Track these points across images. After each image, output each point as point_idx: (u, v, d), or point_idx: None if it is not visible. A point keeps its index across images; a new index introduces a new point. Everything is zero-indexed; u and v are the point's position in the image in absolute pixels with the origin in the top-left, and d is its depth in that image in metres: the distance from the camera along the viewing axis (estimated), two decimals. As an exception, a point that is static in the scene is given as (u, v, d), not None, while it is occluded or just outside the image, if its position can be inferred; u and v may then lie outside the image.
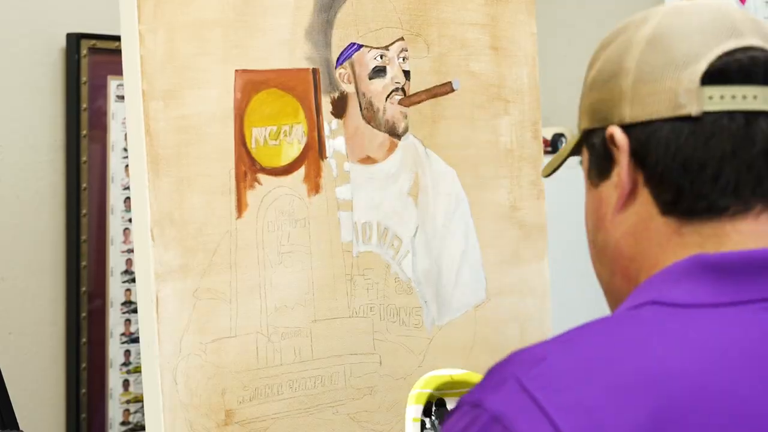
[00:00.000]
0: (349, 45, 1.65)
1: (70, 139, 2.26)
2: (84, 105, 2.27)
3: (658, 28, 1.04)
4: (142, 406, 2.30)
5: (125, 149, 2.31)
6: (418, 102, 1.70)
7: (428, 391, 1.50)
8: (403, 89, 1.69)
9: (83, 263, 2.27)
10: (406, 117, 1.69)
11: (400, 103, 1.69)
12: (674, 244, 1.02)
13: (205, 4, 1.52)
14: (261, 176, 1.56)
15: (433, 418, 1.50)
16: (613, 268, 1.08)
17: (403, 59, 1.69)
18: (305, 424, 1.57)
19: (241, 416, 1.52)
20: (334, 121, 1.64)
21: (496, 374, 0.98)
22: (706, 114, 1.00)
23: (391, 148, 1.69)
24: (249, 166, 1.55)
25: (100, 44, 2.29)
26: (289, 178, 1.59)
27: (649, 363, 0.93)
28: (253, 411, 1.54)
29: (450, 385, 1.52)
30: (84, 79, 2.27)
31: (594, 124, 1.07)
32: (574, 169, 3.02)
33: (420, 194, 1.71)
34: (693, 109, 1.00)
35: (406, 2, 1.70)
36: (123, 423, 2.32)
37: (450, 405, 1.52)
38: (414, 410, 1.48)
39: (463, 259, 1.73)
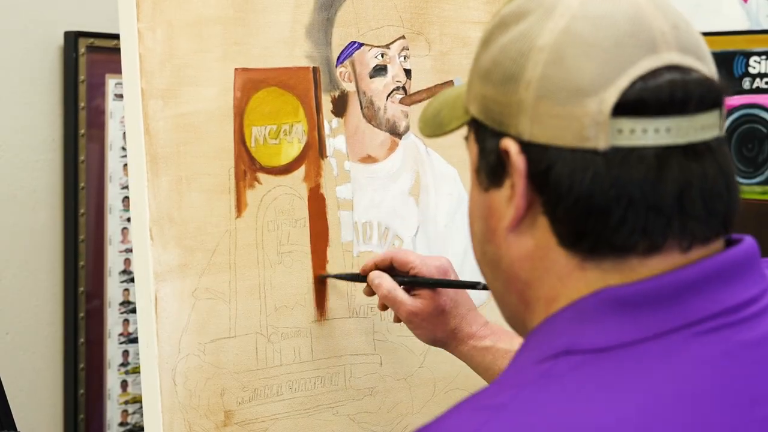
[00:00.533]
0: (349, 43, 1.65)
1: (68, 138, 2.26)
2: (82, 104, 2.27)
3: (566, 33, 0.93)
4: (140, 407, 2.30)
5: (123, 148, 2.31)
6: (420, 101, 1.70)
7: None
8: (404, 88, 1.69)
9: (81, 263, 2.27)
10: (407, 116, 1.70)
11: (401, 102, 1.69)
12: (575, 279, 0.94)
13: (205, 1, 1.53)
14: (261, 175, 1.56)
15: None
16: (507, 286, 1.00)
17: (404, 58, 1.70)
18: (305, 425, 1.58)
19: (241, 417, 1.53)
20: (335, 120, 1.64)
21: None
22: (614, 149, 0.90)
23: (392, 147, 1.69)
24: (248, 165, 1.55)
25: (98, 42, 2.29)
26: (289, 178, 1.59)
27: (585, 425, 0.85)
28: (253, 412, 1.54)
29: None
30: (82, 77, 2.27)
31: (486, 120, 0.98)
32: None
33: (421, 194, 1.72)
34: (600, 144, 0.90)
35: (407, 0, 1.70)
36: (121, 424, 2.32)
37: None
38: None
39: (464, 259, 1.73)
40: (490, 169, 0.97)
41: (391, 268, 1.55)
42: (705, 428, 0.86)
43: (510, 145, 0.94)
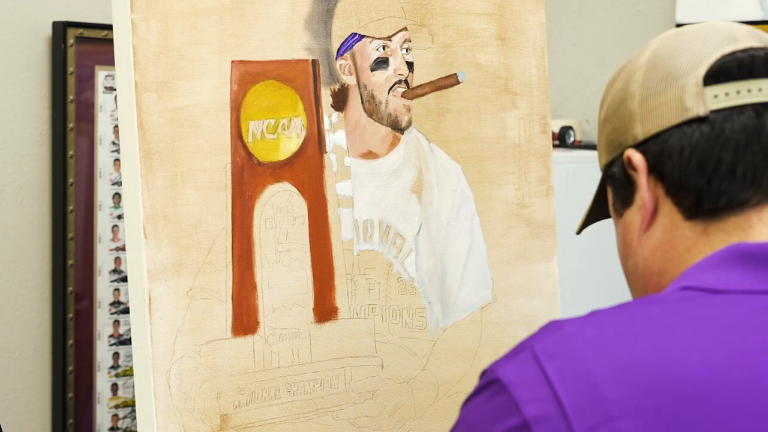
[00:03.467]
0: (350, 35, 1.66)
1: (56, 132, 2.28)
2: (71, 96, 2.28)
3: (657, 50, 1.13)
4: (131, 411, 2.31)
5: (114, 142, 2.32)
6: (422, 95, 1.71)
7: None
8: (406, 81, 1.70)
9: (70, 262, 2.28)
10: (409, 110, 1.71)
11: (403, 95, 1.70)
12: (702, 245, 1.08)
13: (201, -9, 1.54)
14: (258, 171, 1.57)
15: None
16: (646, 288, 1.13)
17: (407, 50, 1.71)
18: (304, 429, 1.59)
19: (237, 421, 1.54)
20: (335, 115, 1.65)
21: (519, 344, 1.03)
22: (714, 113, 1.07)
23: (394, 143, 1.70)
24: (246, 161, 1.56)
25: (88, 33, 2.30)
26: (287, 174, 1.60)
27: (666, 344, 0.96)
28: (250, 416, 1.55)
29: None
30: (71, 69, 2.28)
31: (611, 155, 1.14)
32: (584, 164, 3.06)
33: (424, 191, 1.73)
34: (700, 110, 1.07)
35: (410, -10, 1.71)
36: (111, 429, 2.33)
37: None
38: None
39: (468, 259, 1.74)
40: (620, 191, 1.14)
41: None
42: None
43: (630, 152, 1.11)
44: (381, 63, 1.69)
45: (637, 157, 1.10)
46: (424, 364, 1.70)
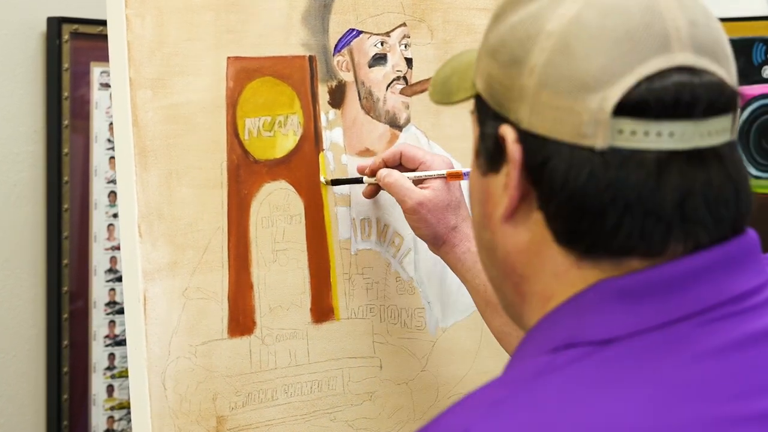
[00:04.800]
0: (347, 31, 1.67)
1: (51, 130, 2.28)
2: (65, 93, 2.28)
3: (575, 22, 0.93)
4: (127, 413, 2.32)
5: (109, 140, 2.32)
6: (421, 91, 1.71)
7: None
8: (404, 78, 1.70)
9: (65, 261, 2.28)
10: (407, 107, 1.71)
11: (401, 92, 1.70)
12: (572, 276, 0.95)
13: (196, -13, 1.54)
14: (254, 169, 1.58)
15: None
16: (503, 276, 1.02)
17: (405, 46, 1.71)
18: (301, 431, 1.59)
19: (234, 423, 1.54)
20: (332, 112, 1.65)
21: (445, 423, 0.92)
22: (613, 150, 0.91)
23: (392, 140, 1.71)
24: (242, 159, 1.57)
25: (83, 29, 2.30)
26: (284, 172, 1.60)
27: (590, 422, 0.87)
28: (246, 417, 1.55)
29: None
30: (65, 65, 2.28)
31: (488, 100, 0.99)
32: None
33: (423, 189, 1.73)
34: (598, 143, 0.91)
35: (409, -15, 1.72)
36: (107, 430, 2.33)
37: None
38: None
39: (468, 258, 1.74)
40: (489, 154, 0.99)
41: (398, 166, 1.61)
42: (712, 421, 0.88)
43: (508, 133, 0.96)
44: (379, 59, 1.69)
45: (513, 147, 0.95)
46: (423, 365, 1.71)
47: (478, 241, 1.05)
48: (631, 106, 0.91)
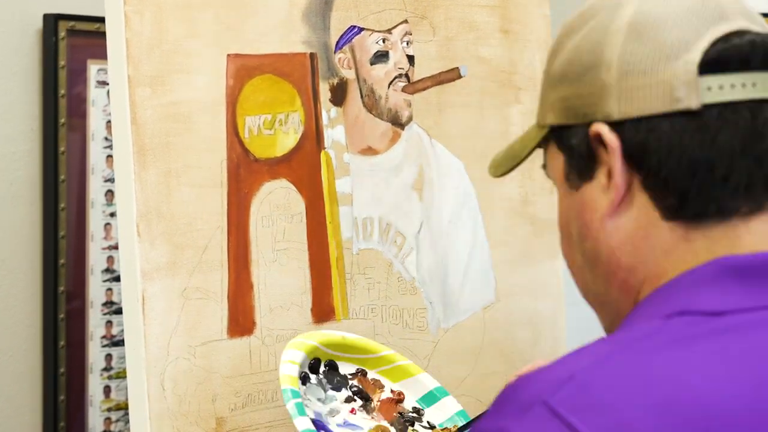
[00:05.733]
0: (349, 28, 1.67)
1: (47, 128, 2.27)
2: (62, 91, 2.28)
3: (637, 14, 1.02)
4: (125, 414, 2.31)
5: (107, 138, 2.32)
6: (423, 89, 1.71)
7: (314, 343, 1.49)
8: (407, 75, 1.70)
9: (61, 261, 2.28)
10: (410, 105, 1.71)
11: (403, 90, 1.70)
12: (682, 251, 1.00)
13: (196, -17, 1.54)
14: (255, 168, 1.58)
15: (321, 376, 1.50)
16: (609, 280, 1.05)
17: (407, 43, 1.71)
18: (301, 433, 1.59)
19: (233, 424, 1.54)
20: (333, 109, 1.65)
21: (513, 399, 0.94)
22: (707, 107, 0.98)
23: (394, 139, 1.71)
24: (242, 157, 1.57)
25: (80, 26, 2.29)
26: (284, 170, 1.60)
27: (695, 385, 0.91)
28: (246, 419, 1.55)
29: (342, 348, 1.53)
30: (62, 63, 2.28)
31: (568, 120, 1.04)
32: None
33: (425, 188, 1.73)
34: (692, 103, 0.98)
35: (411, -18, 1.72)
36: (104, 432, 2.33)
37: (342, 369, 1.52)
38: (293, 354, 1.46)
39: (470, 258, 1.74)
40: (579, 163, 1.04)
41: None
42: None
43: (601, 128, 1.01)
44: (381, 56, 1.69)
45: (611, 137, 1.00)
46: (425, 365, 1.70)
47: (581, 259, 1.08)
48: (713, 63, 0.98)
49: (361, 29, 1.68)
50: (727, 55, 0.99)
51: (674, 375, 0.91)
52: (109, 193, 2.32)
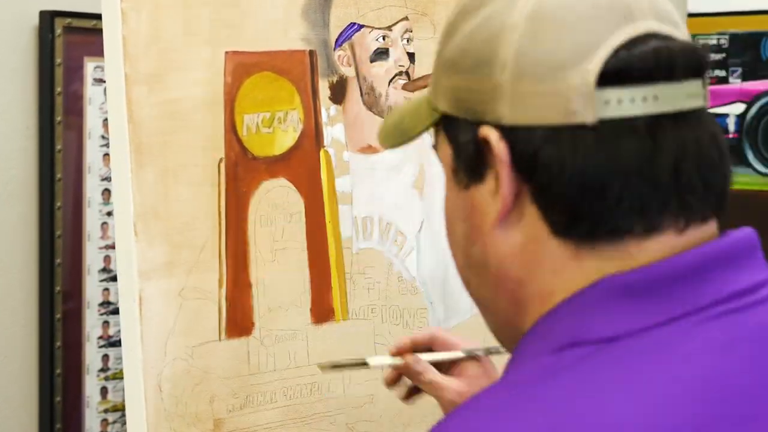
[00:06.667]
0: (348, 25, 1.67)
1: (44, 126, 2.27)
2: (58, 89, 2.28)
3: (537, 11, 0.94)
4: (122, 415, 2.32)
5: (103, 137, 2.32)
6: (424, 87, 1.71)
7: None
8: (407, 73, 1.70)
9: (57, 260, 2.28)
10: (410, 103, 1.71)
11: (404, 87, 1.70)
12: (571, 270, 0.95)
13: (193, -20, 1.54)
14: (253, 166, 1.58)
15: None
16: (496, 290, 1.00)
17: (407, 41, 1.71)
18: (300, 434, 1.59)
19: (231, 426, 1.54)
20: (333, 107, 1.65)
21: None
22: (603, 123, 0.91)
23: (394, 137, 1.70)
24: (240, 156, 1.57)
25: (76, 23, 2.30)
26: (283, 169, 1.60)
27: (580, 409, 0.87)
28: (244, 420, 1.55)
29: None
30: (58, 60, 2.28)
31: (458, 113, 0.98)
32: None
33: (425, 187, 1.73)
34: (588, 117, 0.91)
35: (411, -22, 1.72)
36: (101, 434, 2.33)
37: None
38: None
39: (471, 257, 1.74)
40: (469, 163, 0.97)
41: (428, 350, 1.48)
42: (719, 418, 0.88)
43: (489, 133, 0.94)
44: (381, 54, 1.69)
45: (499, 145, 0.94)
46: (425, 366, 1.70)
47: (465, 261, 1.03)
48: (612, 75, 0.92)
49: (360, 26, 1.68)
50: (629, 65, 0.92)
51: (561, 402, 0.88)
52: (106, 192, 2.32)
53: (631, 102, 0.92)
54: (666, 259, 0.93)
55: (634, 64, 0.92)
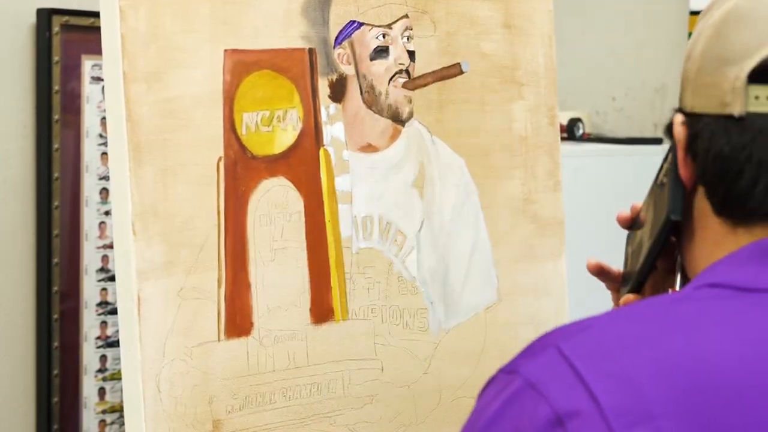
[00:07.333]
0: (348, 23, 1.67)
1: (41, 125, 2.28)
2: (56, 87, 2.28)
3: (731, 11, 1.07)
4: (119, 416, 2.32)
5: (101, 135, 2.32)
6: (424, 85, 1.71)
7: None
8: (407, 71, 1.70)
9: (55, 260, 2.28)
10: (410, 101, 1.71)
11: (404, 86, 1.70)
12: (729, 243, 1.06)
13: (192, -23, 1.54)
14: (252, 165, 1.58)
15: None
16: (681, 250, 1.16)
17: (408, 38, 1.71)
18: (300, 435, 1.59)
19: (230, 427, 1.54)
20: (332, 106, 1.65)
21: (536, 344, 1.03)
22: (750, 115, 1.03)
23: (395, 135, 1.71)
24: (239, 155, 1.57)
25: (74, 20, 2.30)
26: (282, 168, 1.60)
27: (701, 344, 0.96)
28: (243, 421, 1.55)
29: None
30: (56, 58, 2.28)
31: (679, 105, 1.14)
32: (594, 158, 3.05)
33: (426, 186, 1.73)
34: (736, 109, 1.04)
35: (411, -24, 1.72)
36: (98, 435, 2.33)
37: None
38: None
39: (472, 257, 1.74)
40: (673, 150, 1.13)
41: None
42: None
43: (677, 118, 1.10)
44: (381, 52, 1.69)
45: (678, 130, 1.10)
46: (426, 367, 1.71)
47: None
48: (764, 73, 1.04)
49: (360, 24, 1.68)
50: None
51: (681, 332, 0.97)
52: (104, 191, 2.32)
53: None
54: None
55: None
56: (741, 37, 1.05)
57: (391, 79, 1.69)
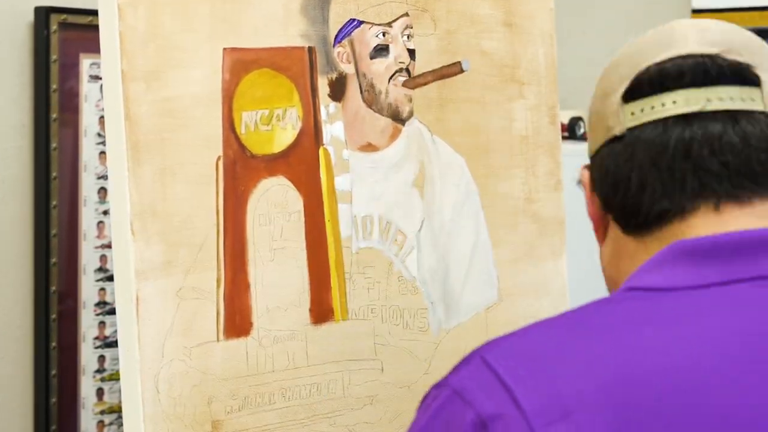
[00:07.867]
0: (348, 21, 1.67)
1: (39, 124, 2.28)
2: (54, 86, 2.28)
3: (611, 61, 1.18)
4: (118, 417, 2.32)
5: (99, 134, 2.32)
6: (424, 84, 1.72)
7: None
8: (407, 70, 1.70)
9: (53, 260, 2.28)
10: (410, 100, 1.71)
11: (404, 85, 1.70)
12: (641, 253, 1.12)
13: (191, -25, 1.54)
14: (251, 164, 1.58)
15: None
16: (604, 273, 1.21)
17: (408, 37, 1.71)
18: (300, 436, 1.59)
19: (230, 427, 1.54)
20: (332, 105, 1.65)
21: (464, 358, 1.09)
22: (629, 130, 1.12)
23: (395, 135, 1.71)
24: (238, 154, 1.57)
25: (72, 19, 2.30)
26: (282, 167, 1.60)
27: (621, 340, 1.01)
28: (243, 422, 1.56)
29: None
30: (54, 57, 2.28)
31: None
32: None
33: (426, 185, 1.73)
34: (617, 129, 1.13)
35: (411, -26, 1.72)
36: (97, 435, 2.34)
37: None
38: None
39: (472, 256, 1.75)
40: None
41: None
42: (752, 362, 0.99)
43: (582, 169, 1.19)
44: (381, 50, 1.69)
45: (583, 173, 1.19)
46: (426, 367, 1.71)
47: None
48: (637, 91, 1.12)
49: (360, 22, 1.68)
50: (641, 81, 1.12)
51: (600, 332, 1.03)
52: (102, 191, 2.32)
53: (651, 109, 1.10)
54: (725, 234, 1.07)
55: (649, 78, 1.12)
56: (614, 75, 1.15)
57: (391, 77, 1.69)
